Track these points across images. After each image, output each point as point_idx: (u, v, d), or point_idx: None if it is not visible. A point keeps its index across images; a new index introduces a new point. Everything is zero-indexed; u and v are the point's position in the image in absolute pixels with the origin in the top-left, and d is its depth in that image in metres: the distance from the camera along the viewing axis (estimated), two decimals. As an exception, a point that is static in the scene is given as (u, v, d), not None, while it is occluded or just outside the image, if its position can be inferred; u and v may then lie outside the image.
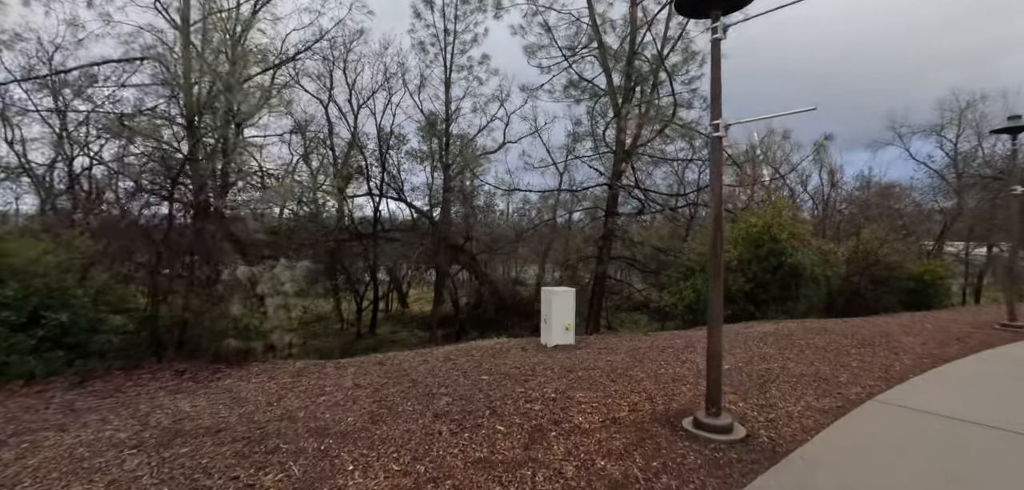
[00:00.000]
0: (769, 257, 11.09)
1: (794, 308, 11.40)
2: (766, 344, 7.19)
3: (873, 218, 21.68)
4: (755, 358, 6.36)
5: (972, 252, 25.76)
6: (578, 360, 6.31)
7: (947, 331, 8.30)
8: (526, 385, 5.20)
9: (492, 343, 7.79)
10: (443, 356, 6.67)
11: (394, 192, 20.68)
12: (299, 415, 4.43)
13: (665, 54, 14.64)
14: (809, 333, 8.04)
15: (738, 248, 11.46)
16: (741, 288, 11.18)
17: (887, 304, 12.76)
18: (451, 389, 5.10)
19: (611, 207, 16.16)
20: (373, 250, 19.77)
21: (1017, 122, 8.23)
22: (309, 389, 5.22)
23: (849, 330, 8.33)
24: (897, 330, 8.39)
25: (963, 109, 24.52)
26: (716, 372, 4.08)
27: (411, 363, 6.27)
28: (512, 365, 6.07)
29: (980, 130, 23.30)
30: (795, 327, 8.59)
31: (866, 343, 7.31)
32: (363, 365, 6.28)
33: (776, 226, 11.15)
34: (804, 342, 7.34)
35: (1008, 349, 7.05)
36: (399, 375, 5.68)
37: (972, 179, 20.48)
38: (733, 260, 11.39)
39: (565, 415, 4.36)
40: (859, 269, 12.76)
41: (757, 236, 11.27)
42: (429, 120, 19.67)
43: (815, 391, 5.06)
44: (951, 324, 9.03)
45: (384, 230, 21.40)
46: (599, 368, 5.89)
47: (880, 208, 25.36)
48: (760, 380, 5.43)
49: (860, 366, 6.05)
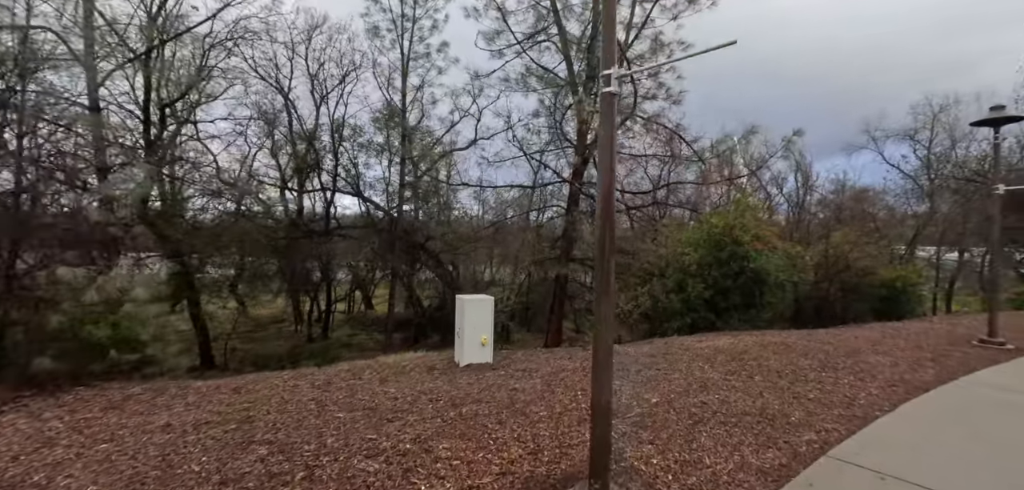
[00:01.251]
0: (730, 261, 9.95)
1: (757, 317, 10.29)
2: (713, 365, 6.01)
3: (846, 221, 20.84)
4: (694, 386, 5.16)
5: (944, 257, 25.15)
6: (480, 387, 5.06)
7: (921, 348, 7.21)
8: (385, 428, 3.93)
9: (397, 360, 6.50)
10: (324, 381, 5.37)
11: (349, 187, 19.28)
12: (21, 483, 3.10)
13: (630, 42, 13.48)
14: (766, 350, 6.88)
15: (698, 251, 10.31)
16: (700, 295, 10.03)
17: (858, 312, 11.74)
18: (285, 433, 3.82)
19: (572, 205, 14.97)
20: (326, 248, 18.32)
21: (1000, 112, 7.19)
22: (96, 432, 3.89)
23: (812, 346, 7.20)
24: (866, 347, 7.28)
25: (937, 113, 23.87)
26: (603, 429, 2.85)
27: (271, 390, 4.96)
28: (394, 394, 4.80)
29: (954, 134, 22.62)
30: (751, 343, 7.43)
31: (829, 364, 6.17)
32: (208, 392, 4.94)
33: (739, 227, 10.02)
34: (758, 363, 6.17)
35: (989, 375, 5.96)
36: (238, 410, 4.37)
37: (945, 182, 19.70)
38: (692, 264, 10.23)
39: (405, 482, 3.10)
40: (829, 275, 11.71)
41: (718, 238, 10.13)
42: (386, 111, 18.30)
43: (756, 439, 3.86)
44: (925, 339, 7.96)
45: (339, 227, 19.98)
46: (497, 401, 4.64)
47: (853, 211, 24.60)
48: (692, 420, 4.22)
49: (818, 398, 4.88)
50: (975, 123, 7.62)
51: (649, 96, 13.14)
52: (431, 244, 19.62)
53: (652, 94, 12.90)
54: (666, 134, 13.17)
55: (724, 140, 12.28)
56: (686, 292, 10.19)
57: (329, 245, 18.12)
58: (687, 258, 10.30)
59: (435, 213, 19.97)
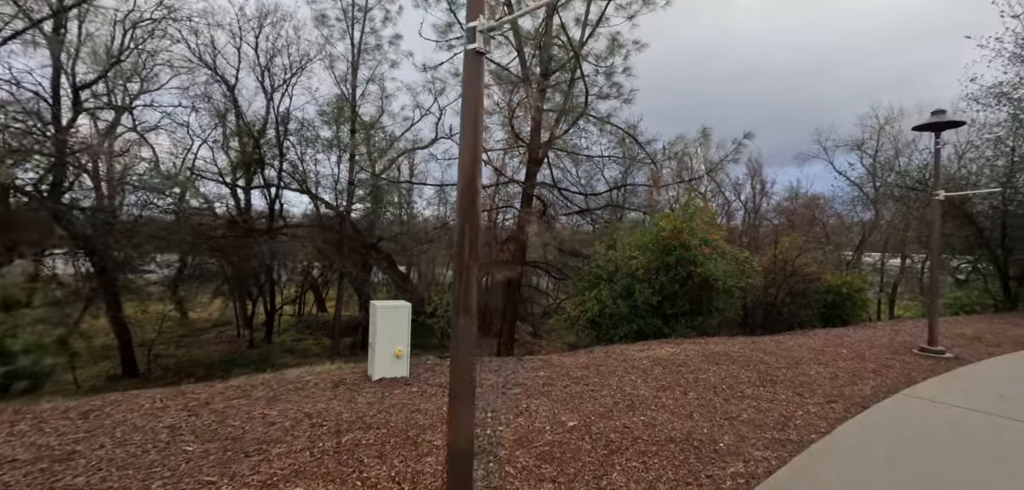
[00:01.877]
0: (678, 266, 9.58)
1: (705, 324, 9.96)
2: (646, 379, 5.51)
3: (798, 228, 21.10)
4: (620, 405, 4.63)
5: (887, 262, 25.97)
6: (378, 409, 4.38)
7: (862, 358, 6.94)
8: (236, 466, 3.20)
9: (301, 375, 5.73)
10: (202, 401, 4.58)
11: (297, 183, 18.18)
12: None
13: (585, 39, 13.05)
14: (707, 361, 6.45)
15: (646, 255, 9.90)
16: (648, 301, 9.61)
17: (805, 319, 11.61)
18: (102, 476, 3.05)
19: (525, 205, 14.41)
20: (270, 248, 17.15)
21: (941, 117, 7.02)
22: None
23: (754, 356, 6.82)
24: (808, 356, 6.95)
25: (882, 125, 24.62)
26: (460, 480, 2.24)
27: (128, 413, 4.14)
28: (273, 418, 4.07)
29: (897, 144, 23.36)
30: (694, 352, 7.00)
31: (768, 377, 5.76)
32: (53, 416, 4.08)
33: (687, 231, 9.66)
34: (695, 376, 5.71)
35: (929, 387, 5.68)
36: (67, 442, 3.55)
37: (888, 190, 20.20)
38: (639, 269, 9.81)
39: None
40: (776, 281, 11.55)
41: (666, 242, 9.74)
42: (335, 104, 17.32)
43: (676, 473, 3.33)
44: (868, 347, 7.73)
45: (286, 225, 18.83)
46: (390, 427, 3.97)
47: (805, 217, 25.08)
48: (608, 450, 3.66)
49: (752, 418, 4.43)
50: (917, 127, 7.44)
51: (602, 95, 12.73)
52: (384, 245, 18.75)
53: (605, 93, 12.49)
54: (619, 135, 12.77)
55: (677, 141, 11.98)
56: (633, 298, 9.76)
57: (272, 245, 16.97)
58: (635, 262, 9.88)
59: (387, 213, 19.08)
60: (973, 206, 14.49)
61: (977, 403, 5.00)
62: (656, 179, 11.59)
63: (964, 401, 5.06)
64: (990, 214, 14.47)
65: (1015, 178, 13.73)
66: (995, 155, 14.41)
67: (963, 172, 15.17)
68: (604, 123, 12.56)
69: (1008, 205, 13.92)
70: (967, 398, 5.17)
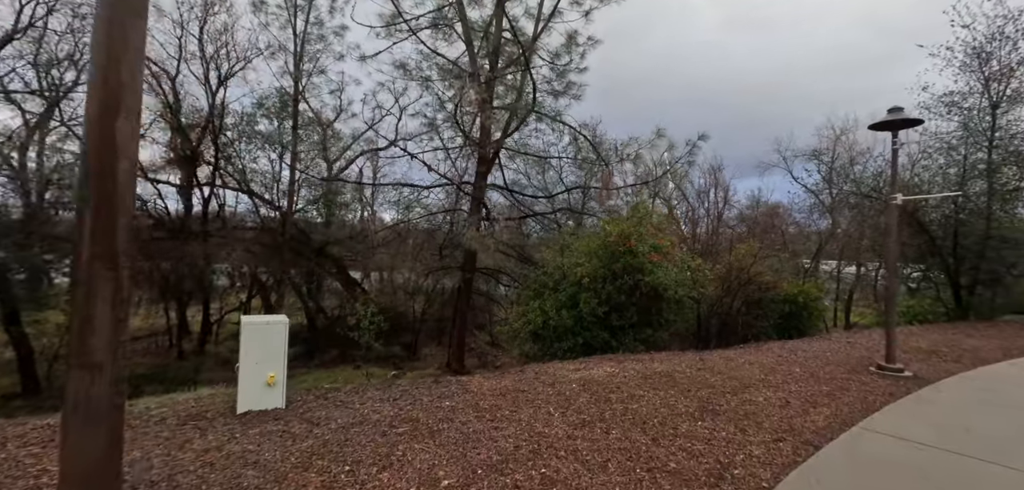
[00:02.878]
0: (625, 274, 8.73)
1: (655, 337, 9.15)
2: (566, 412, 4.57)
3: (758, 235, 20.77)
4: (520, 451, 3.66)
5: (843, 271, 26.05)
6: (202, 463, 3.30)
7: (817, 379, 6.19)
8: None
9: (161, 403, 4.59)
10: None
11: (234, 181, 16.74)
12: None
13: (538, 32, 12.17)
14: (644, 385, 5.57)
15: (591, 262, 9.03)
16: (594, 311, 8.73)
17: (761, 330, 10.95)
18: None
19: (475, 208, 13.40)
20: (200, 250, 15.63)
21: (898, 114, 6.40)
22: None
23: (699, 378, 5.99)
24: (758, 377, 6.17)
25: (838, 136, 24.68)
26: None
27: None
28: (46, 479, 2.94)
29: (852, 152, 23.41)
30: (633, 373, 6.13)
31: (710, 407, 4.91)
32: None
33: (635, 236, 8.84)
34: (625, 406, 4.81)
35: (889, 417, 4.93)
36: None
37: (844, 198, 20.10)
38: (585, 277, 8.94)
39: None
40: (732, 290, 10.87)
41: (614, 248, 8.90)
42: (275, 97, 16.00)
43: (559, 569, 2.38)
44: (822, 365, 7.02)
45: (224, 226, 17.33)
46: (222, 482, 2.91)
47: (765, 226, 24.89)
48: (480, 525, 2.69)
49: (681, 467, 3.53)
50: (874, 126, 6.81)
51: (554, 92, 11.86)
52: (333, 249, 17.45)
53: (557, 90, 11.64)
54: (572, 134, 11.94)
55: (630, 143, 11.20)
56: (579, 308, 8.87)
57: (205, 247, 15.47)
58: (580, 269, 9.00)
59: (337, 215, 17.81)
60: (925, 214, 14.26)
61: (943, 439, 4.25)
62: (606, 181, 10.78)
63: (929, 437, 4.30)
64: (942, 222, 14.26)
65: (966, 186, 13.53)
66: (947, 163, 14.21)
67: (916, 180, 14.96)
68: (554, 121, 11.68)
69: (960, 213, 13.70)
70: (931, 432, 4.42)
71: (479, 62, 12.29)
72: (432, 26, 12.56)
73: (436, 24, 12.53)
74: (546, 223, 15.92)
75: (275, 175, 16.61)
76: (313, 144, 16.34)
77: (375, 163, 19.71)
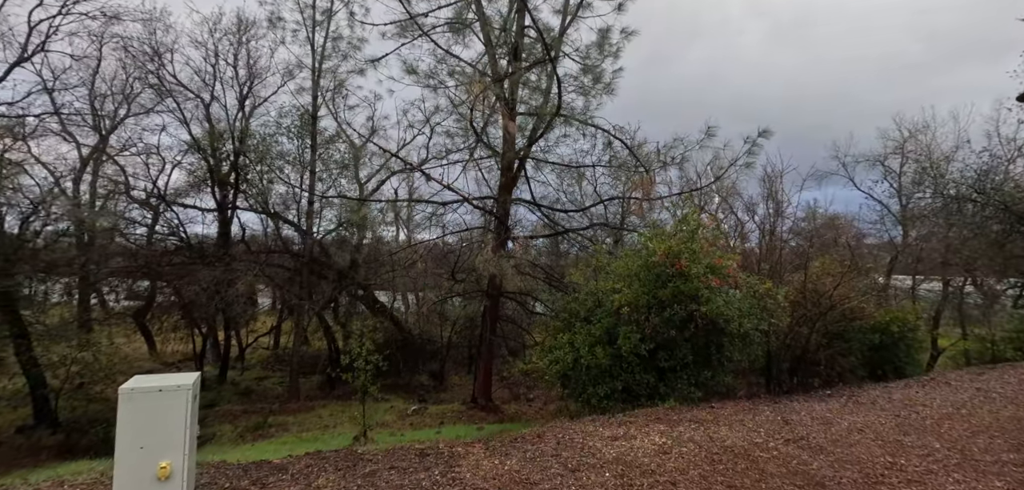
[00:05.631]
0: (676, 303, 6.81)
1: (715, 380, 7.13)
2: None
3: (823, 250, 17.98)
4: None
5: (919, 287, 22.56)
6: None
7: (975, 463, 4.06)
8: None
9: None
10: None
11: (257, 203, 15.93)
12: None
13: (565, 25, 10.58)
14: (710, 475, 3.70)
15: (632, 288, 7.14)
16: (635, 349, 6.83)
17: (845, 367, 8.67)
18: None
19: (500, 225, 11.80)
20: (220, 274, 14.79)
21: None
22: None
23: (794, 463, 4.02)
24: (882, 459, 4.12)
25: (905, 140, 21.53)
26: None
27: None
28: None
29: (931, 155, 20.21)
30: (689, 454, 4.22)
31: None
32: None
33: (686, 255, 6.91)
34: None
35: None
36: None
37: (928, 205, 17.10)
38: (623, 306, 7.08)
39: None
40: (809, 318, 8.66)
41: (659, 270, 7.00)
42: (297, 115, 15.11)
43: None
44: (969, 434, 4.84)
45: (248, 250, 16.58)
46: None
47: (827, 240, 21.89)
48: None
49: None
50: None
51: (583, 90, 10.17)
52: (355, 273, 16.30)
53: (585, 88, 9.94)
54: (606, 139, 10.16)
55: (675, 145, 9.30)
56: (617, 345, 7.01)
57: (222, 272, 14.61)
58: (618, 297, 7.14)
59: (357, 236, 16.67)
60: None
61: None
62: (647, 189, 8.87)
63: None
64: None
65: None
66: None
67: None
68: (585, 123, 9.93)
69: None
70: None
71: (499, 63, 10.81)
72: (449, 21, 11.15)
73: (453, 26, 11.12)
74: (580, 241, 14.10)
75: (295, 196, 15.68)
76: (336, 163, 15.31)
77: (410, 182, 18.49)
